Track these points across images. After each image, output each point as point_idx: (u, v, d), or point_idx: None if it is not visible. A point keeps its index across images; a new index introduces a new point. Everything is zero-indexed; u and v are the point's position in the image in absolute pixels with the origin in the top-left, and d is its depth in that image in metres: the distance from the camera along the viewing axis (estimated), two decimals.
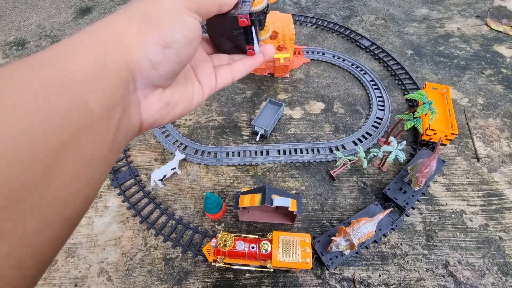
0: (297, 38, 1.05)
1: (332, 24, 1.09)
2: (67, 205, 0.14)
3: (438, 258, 0.58)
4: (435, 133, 0.71)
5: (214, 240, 0.51)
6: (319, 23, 1.10)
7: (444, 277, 0.56)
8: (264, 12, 0.23)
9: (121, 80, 0.18)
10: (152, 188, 0.69)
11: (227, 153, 0.74)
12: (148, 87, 0.20)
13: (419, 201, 0.66)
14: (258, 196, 0.54)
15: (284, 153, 0.74)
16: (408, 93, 0.86)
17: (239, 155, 0.74)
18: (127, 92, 0.18)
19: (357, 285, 0.55)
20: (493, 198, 0.66)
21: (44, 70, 0.14)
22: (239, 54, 0.27)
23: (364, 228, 0.53)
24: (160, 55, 0.19)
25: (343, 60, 0.97)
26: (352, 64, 0.95)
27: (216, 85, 0.26)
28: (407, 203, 0.63)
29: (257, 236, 0.55)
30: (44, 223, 0.13)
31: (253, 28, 0.24)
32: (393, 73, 0.93)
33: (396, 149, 0.62)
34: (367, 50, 1.01)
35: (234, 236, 0.53)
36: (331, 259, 0.56)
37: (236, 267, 0.56)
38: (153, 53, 0.19)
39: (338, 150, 0.74)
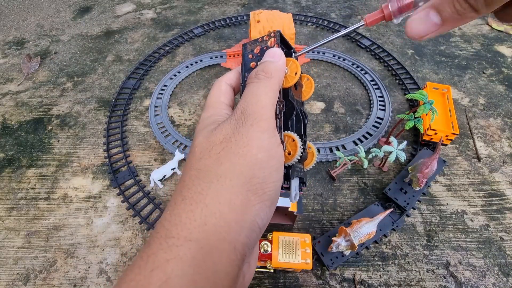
0: (297, 38, 1.05)
1: (332, 24, 1.09)
2: None
3: (439, 259, 0.58)
4: (436, 133, 0.71)
5: None
6: (320, 22, 1.10)
7: (445, 278, 0.56)
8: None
9: (231, 283, 0.17)
10: (152, 188, 0.69)
11: None
12: (251, 252, 0.20)
13: (419, 201, 0.65)
14: None
15: None
16: (409, 93, 0.85)
17: None
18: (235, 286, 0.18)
19: (358, 286, 0.55)
20: (494, 199, 0.66)
21: None
22: None
23: (365, 229, 0.52)
24: (268, 215, 0.19)
25: (344, 59, 0.96)
26: (353, 64, 0.95)
27: None
28: (407, 204, 0.63)
29: None
30: None
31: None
32: (394, 73, 0.92)
33: (396, 149, 0.62)
34: (368, 49, 1.00)
35: None
36: (331, 260, 0.56)
37: None
38: (263, 218, 0.18)
39: (338, 150, 0.74)
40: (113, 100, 0.87)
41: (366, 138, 0.76)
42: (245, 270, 0.19)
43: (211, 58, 0.98)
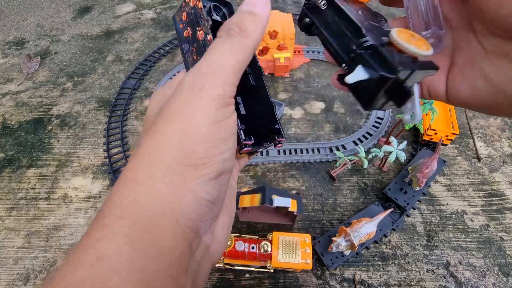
0: (297, 38, 1.05)
1: None
2: None
3: (439, 259, 0.58)
4: (436, 133, 0.71)
5: None
6: None
7: (445, 278, 0.56)
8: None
9: (180, 256, 0.16)
10: None
11: None
12: (212, 223, 0.19)
13: (419, 201, 0.65)
14: (258, 196, 0.54)
15: (284, 153, 0.74)
16: None
17: None
18: (190, 258, 0.17)
19: (358, 286, 0.55)
20: (494, 198, 0.66)
21: None
22: None
23: (365, 229, 0.52)
24: (217, 186, 0.17)
25: None
26: None
27: (240, 165, 0.25)
28: (407, 204, 0.63)
29: (257, 237, 0.55)
30: None
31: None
32: None
33: (396, 149, 0.62)
34: None
35: (234, 236, 0.53)
36: (331, 260, 0.56)
37: (236, 267, 0.55)
38: (209, 192, 0.17)
39: (338, 150, 0.74)
40: (113, 100, 0.87)
41: (366, 138, 0.76)
42: (207, 241, 0.19)
43: None
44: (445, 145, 0.75)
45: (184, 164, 0.16)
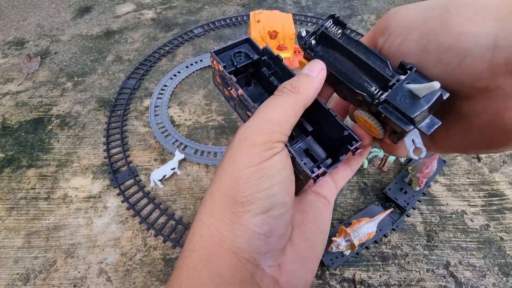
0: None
1: None
2: None
3: (439, 259, 0.58)
4: None
5: None
6: (320, 22, 1.10)
7: (445, 278, 0.56)
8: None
9: (241, 285, 0.18)
10: (152, 188, 0.69)
11: None
12: (278, 254, 0.19)
13: (419, 201, 0.65)
14: None
15: None
16: None
17: None
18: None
19: (358, 286, 0.55)
20: (494, 199, 0.66)
21: None
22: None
23: (365, 229, 0.52)
24: (267, 220, 0.19)
25: None
26: None
27: (337, 185, 0.25)
28: (407, 203, 0.63)
29: None
30: None
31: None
32: None
33: None
34: None
35: None
36: (331, 260, 0.56)
37: None
38: (259, 225, 0.18)
39: None
40: (113, 100, 0.87)
41: None
42: (273, 274, 0.19)
43: None
44: None
45: (232, 203, 0.19)
